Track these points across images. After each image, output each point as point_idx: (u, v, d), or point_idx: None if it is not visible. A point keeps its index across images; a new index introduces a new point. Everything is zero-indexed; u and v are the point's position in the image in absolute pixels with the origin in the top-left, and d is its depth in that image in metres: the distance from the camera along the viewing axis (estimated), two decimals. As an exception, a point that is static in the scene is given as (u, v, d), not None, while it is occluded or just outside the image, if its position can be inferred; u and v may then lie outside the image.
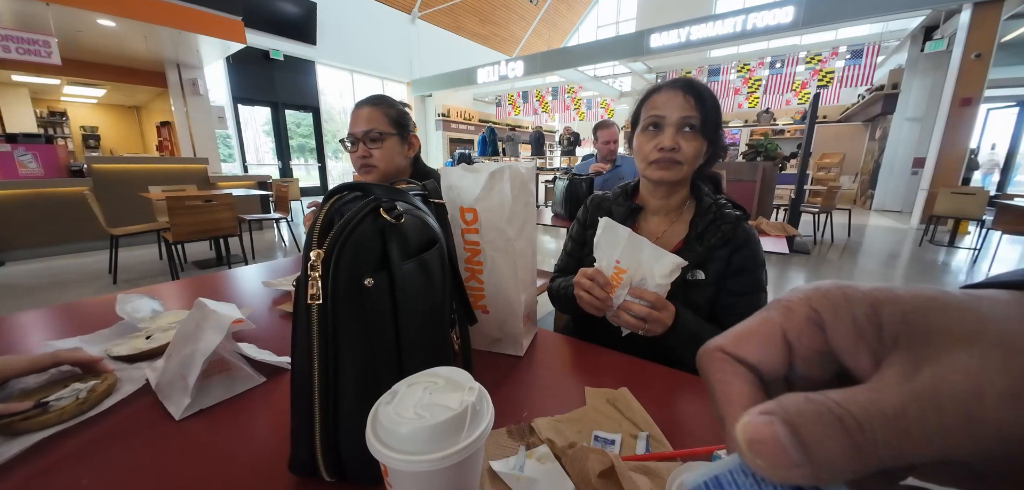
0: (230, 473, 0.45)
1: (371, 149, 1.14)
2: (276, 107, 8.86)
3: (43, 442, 0.48)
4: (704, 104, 0.77)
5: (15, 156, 4.53)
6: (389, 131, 1.15)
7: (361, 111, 1.16)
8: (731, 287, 0.80)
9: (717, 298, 0.81)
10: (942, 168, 5.88)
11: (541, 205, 3.77)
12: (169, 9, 4.91)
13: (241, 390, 0.59)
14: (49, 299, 3.23)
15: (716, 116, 0.80)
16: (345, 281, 0.39)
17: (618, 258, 0.70)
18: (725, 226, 0.80)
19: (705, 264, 0.80)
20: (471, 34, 12.81)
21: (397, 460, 0.29)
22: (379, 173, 1.16)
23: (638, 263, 0.69)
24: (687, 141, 0.78)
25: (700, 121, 0.77)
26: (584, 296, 0.74)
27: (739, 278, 0.80)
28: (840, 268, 4.12)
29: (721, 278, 0.80)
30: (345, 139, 1.17)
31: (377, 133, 1.13)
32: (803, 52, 6.90)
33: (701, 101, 0.77)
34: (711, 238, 0.80)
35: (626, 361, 0.68)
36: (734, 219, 0.81)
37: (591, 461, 0.39)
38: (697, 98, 0.77)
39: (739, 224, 0.81)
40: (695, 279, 0.80)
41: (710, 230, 0.80)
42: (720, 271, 0.80)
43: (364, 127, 1.13)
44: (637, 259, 0.69)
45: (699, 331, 0.74)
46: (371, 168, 1.15)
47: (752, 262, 0.80)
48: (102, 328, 0.77)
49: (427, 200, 0.56)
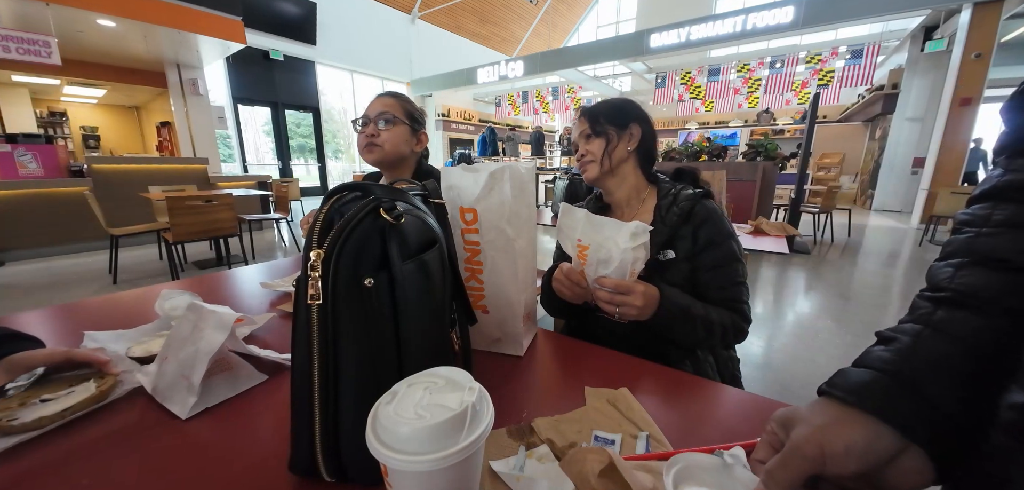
0: (230, 473, 0.45)
1: (380, 130, 1.16)
2: (276, 107, 8.86)
3: (43, 442, 0.48)
4: (592, 112, 0.94)
5: (15, 156, 4.54)
6: (402, 120, 1.19)
7: (379, 99, 1.20)
8: (705, 262, 0.85)
9: (694, 276, 0.85)
10: (942, 168, 5.88)
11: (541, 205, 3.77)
12: (169, 9, 4.91)
13: (244, 388, 0.59)
14: (49, 299, 3.23)
15: (610, 111, 0.93)
16: (345, 281, 0.39)
17: (579, 236, 0.74)
18: (683, 202, 0.87)
19: (673, 243, 0.85)
20: (471, 34, 12.81)
21: (397, 460, 0.29)
22: (382, 154, 1.17)
23: (601, 238, 0.72)
24: (589, 143, 0.93)
25: (591, 126, 0.93)
26: (563, 290, 0.79)
27: (710, 252, 0.84)
28: (840, 268, 4.12)
29: (692, 255, 0.85)
30: (356, 119, 1.20)
31: (391, 116, 1.17)
32: (803, 52, 6.90)
33: (590, 112, 0.95)
34: (672, 217, 0.86)
35: (626, 361, 0.68)
36: (690, 196, 0.87)
37: (590, 461, 0.39)
38: (587, 112, 0.95)
39: (697, 201, 0.87)
40: (666, 258, 0.85)
41: (670, 210, 0.88)
42: (688, 249, 0.85)
43: (379, 110, 1.17)
44: (599, 235, 0.72)
45: (688, 305, 0.78)
46: (376, 147, 1.16)
47: (719, 234, 0.85)
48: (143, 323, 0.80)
49: (427, 200, 0.56)
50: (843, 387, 0.32)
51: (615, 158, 0.92)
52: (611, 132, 0.92)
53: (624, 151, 0.93)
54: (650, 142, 0.95)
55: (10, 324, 0.80)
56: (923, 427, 0.28)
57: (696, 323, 0.77)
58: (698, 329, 0.78)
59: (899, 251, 4.86)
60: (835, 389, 0.32)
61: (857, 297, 3.27)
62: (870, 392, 0.30)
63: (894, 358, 0.31)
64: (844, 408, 0.31)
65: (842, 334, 2.57)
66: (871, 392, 0.30)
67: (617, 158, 0.92)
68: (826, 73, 6.68)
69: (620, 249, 0.69)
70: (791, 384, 2.01)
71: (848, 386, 0.32)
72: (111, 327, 0.78)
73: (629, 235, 0.69)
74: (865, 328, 2.65)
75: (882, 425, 0.29)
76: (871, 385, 0.31)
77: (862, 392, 0.31)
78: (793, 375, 2.09)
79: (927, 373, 0.30)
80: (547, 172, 8.12)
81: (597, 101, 0.99)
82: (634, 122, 0.93)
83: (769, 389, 1.96)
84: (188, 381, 0.54)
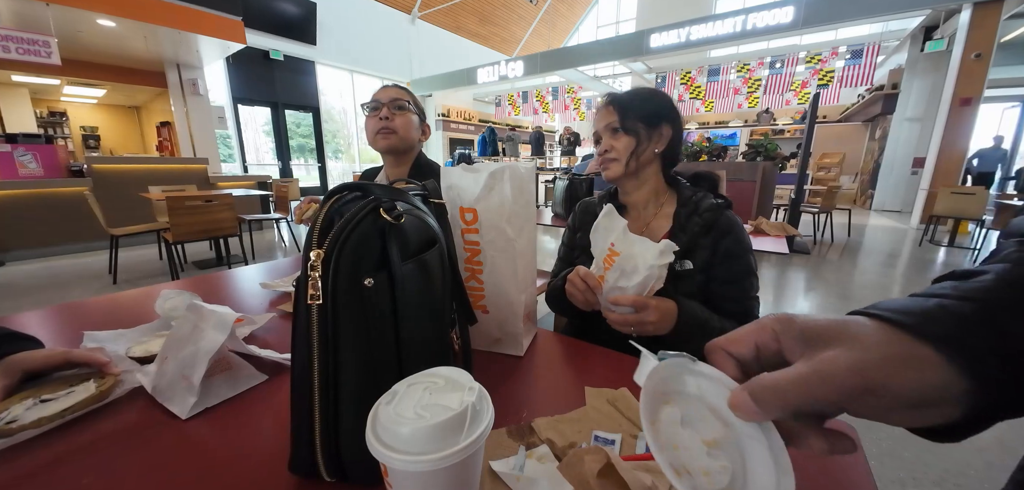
0: (230, 473, 0.45)
1: (395, 115, 1.16)
2: (276, 107, 8.85)
3: (43, 442, 0.48)
4: (622, 103, 0.86)
5: (15, 156, 4.54)
6: (412, 108, 1.20)
7: (388, 88, 1.20)
8: (720, 274, 0.82)
9: (708, 286, 0.82)
10: (942, 168, 5.88)
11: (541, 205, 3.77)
12: (169, 9, 4.91)
13: (244, 388, 0.59)
14: (49, 299, 3.23)
15: (648, 108, 0.86)
16: (345, 281, 0.39)
17: (613, 240, 0.72)
18: (706, 213, 0.82)
19: (691, 253, 0.82)
20: (471, 34, 12.80)
21: (397, 460, 0.29)
22: (397, 139, 1.17)
23: (631, 250, 0.71)
24: (616, 139, 0.87)
25: (620, 120, 0.86)
26: (576, 294, 0.76)
27: (727, 265, 0.81)
28: (840, 268, 4.11)
29: (709, 266, 0.82)
30: (366, 103, 1.19)
31: (405, 102, 1.17)
32: (803, 52, 6.90)
33: (620, 103, 0.87)
34: (693, 226, 0.82)
35: (626, 361, 0.68)
36: (713, 206, 0.83)
37: (588, 462, 0.39)
38: (616, 103, 0.87)
39: (720, 211, 0.83)
40: (684, 269, 0.82)
41: (691, 219, 0.83)
42: (707, 259, 0.81)
43: (392, 96, 1.17)
44: (630, 247, 0.71)
45: (706, 320, 0.75)
46: (391, 132, 1.16)
47: (738, 247, 0.82)
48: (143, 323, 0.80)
49: (427, 200, 0.56)
50: (906, 312, 0.24)
51: (641, 160, 0.86)
52: (641, 130, 0.85)
53: (651, 153, 0.87)
54: (677, 144, 0.89)
55: (10, 324, 0.80)
56: (994, 367, 0.23)
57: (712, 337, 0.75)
58: None
59: (899, 251, 4.86)
60: (894, 313, 0.24)
61: (857, 297, 3.26)
62: (949, 322, 0.23)
63: (975, 290, 0.25)
64: (912, 341, 0.23)
65: (842, 334, 2.56)
66: (949, 322, 0.23)
67: (643, 160, 0.87)
68: (826, 73, 6.68)
69: (647, 264, 0.68)
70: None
71: (912, 311, 0.24)
72: (111, 327, 0.78)
73: (658, 253, 0.68)
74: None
75: (951, 363, 0.23)
76: (948, 314, 0.24)
77: (937, 320, 0.24)
78: (793, 375, 2.08)
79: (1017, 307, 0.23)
80: (547, 172, 8.12)
81: (626, 89, 0.91)
82: (665, 122, 0.86)
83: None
84: (188, 381, 0.54)
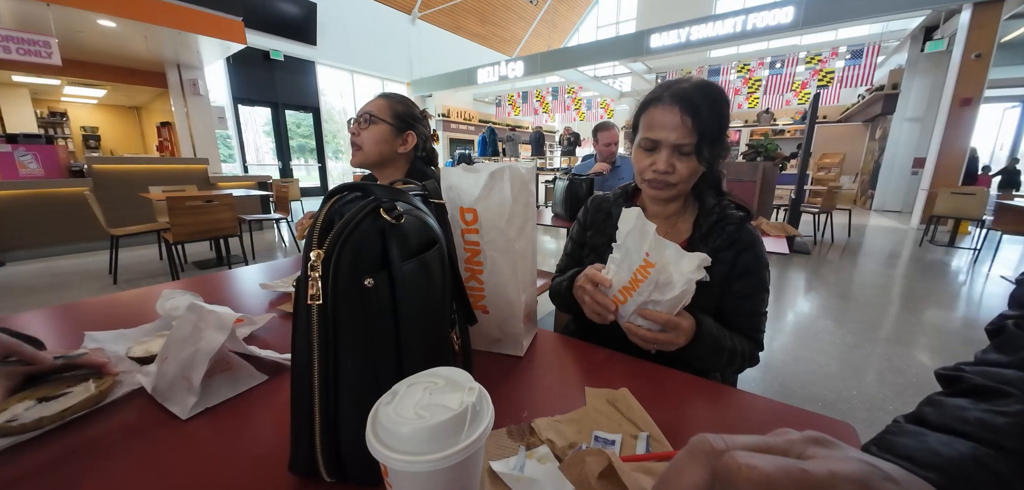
0: (230, 473, 0.44)
1: (362, 129, 1.21)
2: (276, 107, 8.86)
3: (43, 442, 0.48)
4: (701, 121, 0.73)
5: (15, 156, 4.53)
6: (383, 119, 1.20)
7: (371, 100, 1.24)
8: (736, 289, 0.80)
9: (722, 300, 0.81)
10: (942, 168, 5.88)
11: (541, 205, 3.77)
12: (169, 9, 4.91)
13: (244, 388, 0.59)
14: (49, 299, 3.23)
15: (718, 124, 0.76)
16: (345, 281, 0.39)
17: (648, 250, 0.64)
18: (730, 227, 0.79)
19: (712, 266, 0.79)
20: (471, 34, 12.80)
21: (397, 460, 0.29)
22: (363, 154, 1.22)
23: (664, 260, 0.65)
24: (682, 163, 0.77)
25: (694, 144, 0.74)
26: (586, 300, 0.73)
27: (744, 280, 0.79)
28: (840, 268, 4.12)
29: (725, 280, 0.79)
30: (350, 119, 1.26)
31: (369, 116, 1.20)
32: (803, 52, 6.91)
33: (698, 119, 0.73)
34: (716, 239, 0.79)
35: (626, 361, 0.68)
36: (738, 220, 0.80)
37: (590, 463, 0.39)
38: (694, 116, 0.73)
39: (743, 225, 0.80)
40: (702, 281, 0.79)
41: (714, 231, 0.80)
42: (725, 273, 0.79)
43: (363, 110, 1.22)
44: (663, 257, 0.65)
45: (720, 337, 0.73)
46: (357, 147, 1.22)
47: (757, 263, 0.80)
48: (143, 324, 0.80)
49: (427, 200, 0.56)
50: (930, 465, 0.23)
51: (691, 184, 0.80)
52: (707, 154, 0.76)
53: (699, 174, 0.80)
54: (723, 158, 0.81)
55: (10, 324, 0.80)
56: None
57: (723, 354, 0.74)
58: (723, 358, 0.74)
59: (899, 251, 4.86)
60: (919, 467, 0.23)
61: (857, 297, 3.26)
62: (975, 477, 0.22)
63: (1009, 425, 0.23)
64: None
65: (842, 334, 2.56)
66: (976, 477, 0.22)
67: (694, 181, 0.80)
68: (826, 73, 6.69)
69: (684, 277, 0.63)
70: (791, 384, 2.01)
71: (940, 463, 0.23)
72: (111, 327, 0.78)
73: (695, 266, 0.63)
74: (865, 328, 2.65)
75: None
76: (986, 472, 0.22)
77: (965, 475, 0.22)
78: (793, 375, 2.09)
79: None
80: (547, 172, 8.13)
81: (698, 93, 0.74)
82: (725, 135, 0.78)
83: (768, 389, 1.96)
84: (188, 381, 0.54)
